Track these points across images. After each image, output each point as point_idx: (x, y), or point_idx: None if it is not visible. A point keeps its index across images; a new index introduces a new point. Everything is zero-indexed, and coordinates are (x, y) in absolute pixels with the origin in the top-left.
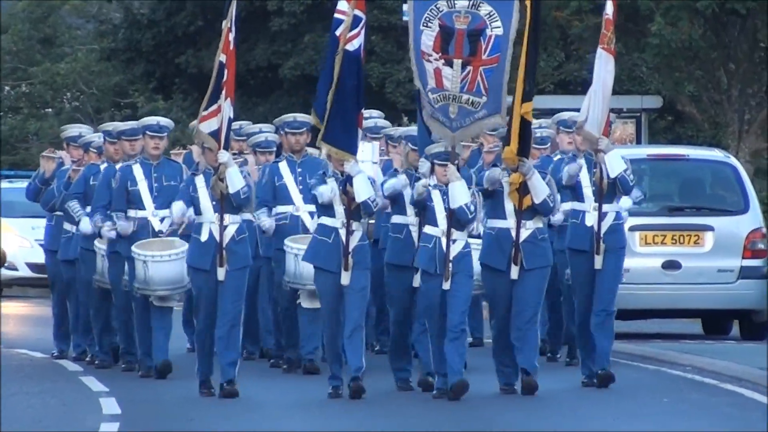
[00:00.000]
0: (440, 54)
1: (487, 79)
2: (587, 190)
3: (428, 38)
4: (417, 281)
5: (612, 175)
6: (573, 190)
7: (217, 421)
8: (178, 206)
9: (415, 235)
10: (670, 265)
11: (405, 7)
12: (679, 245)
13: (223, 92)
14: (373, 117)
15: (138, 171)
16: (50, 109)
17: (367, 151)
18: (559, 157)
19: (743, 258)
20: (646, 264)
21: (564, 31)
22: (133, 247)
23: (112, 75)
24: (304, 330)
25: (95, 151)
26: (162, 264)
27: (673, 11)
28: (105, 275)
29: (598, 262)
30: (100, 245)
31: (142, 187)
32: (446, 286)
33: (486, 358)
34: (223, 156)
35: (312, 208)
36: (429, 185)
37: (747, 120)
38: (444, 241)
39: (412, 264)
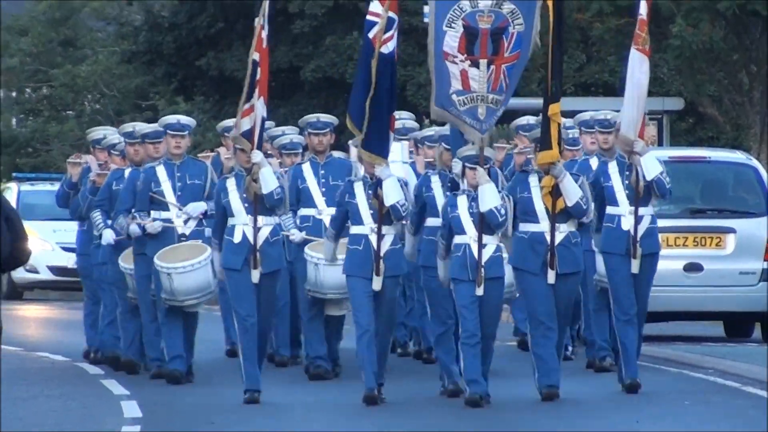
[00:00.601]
0: (466, 55)
1: (508, 77)
2: (620, 195)
3: (452, 39)
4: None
5: (648, 178)
6: (607, 195)
7: (239, 425)
8: (194, 205)
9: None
10: (692, 267)
11: (426, 8)
12: (701, 247)
13: (257, 91)
14: (402, 118)
15: (161, 172)
16: (71, 112)
17: (397, 150)
18: (583, 158)
19: (765, 260)
20: (668, 266)
21: (585, 33)
22: (155, 259)
23: (133, 77)
24: (310, 338)
25: (117, 153)
26: (186, 275)
27: (695, 13)
28: (136, 291)
29: (635, 266)
30: (125, 265)
31: (166, 188)
32: (479, 291)
33: (506, 361)
34: (257, 156)
35: (334, 211)
36: (456, 194)
37: None
38: (474, 246)
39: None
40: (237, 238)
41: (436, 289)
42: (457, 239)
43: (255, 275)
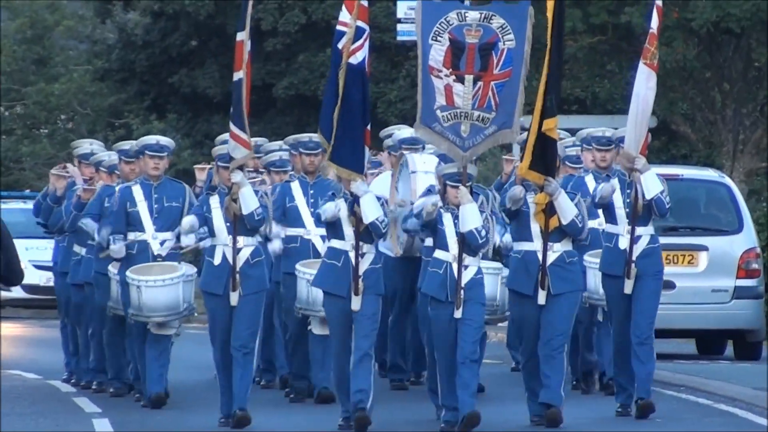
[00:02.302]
0: (451, 70)
1: (498, 94)
2: (620, 212)
3: (438, 53)
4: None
5: (648, 197)
6: (606, 213)
7: None
8: (188, 219)
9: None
10: (665, 284)
11: (399, 26)
12: (674, 265)
13: (245, 115)
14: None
15: (138, 192)
16: (44, 130)
17: (430, 162)
18: (578, 175)
19: (737, 278)
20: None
21: None
22: (128, 272)
23: (107, 96)
24: (315, 357)
25: (105, 170)
26: (156, 289)
27: (668, 31)
28: (119, 302)
29: (628, 286)
30: (113, 269)
31: (142, 208)
32: (458, 314)
33: (505, 387)
34: (237, 175)
35: (324, 231)
36: (440, 206)
37: (741, 140)
38: (455, 266)
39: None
40: (217, 259)
41: (434, 317)
42: (439, 254)
43: (234, 298)
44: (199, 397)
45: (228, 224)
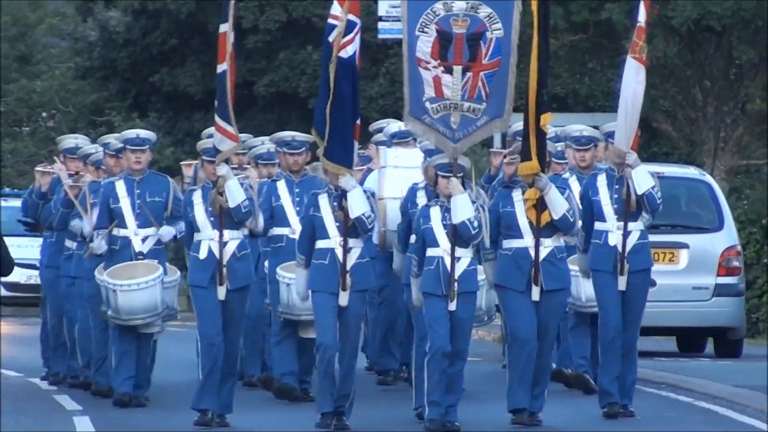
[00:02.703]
0: (439, 61)
1: (488, 84)
2: (608, 209)
3: (425, 44)
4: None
5: (639, 192)
6: (594, 209)
7: None
8: (167, 230)
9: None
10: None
11: (380, 24)
12: (654, 262)
13: (231, 108)
14: (385, 128)
15: (121, 187)
16: (26, 128)
17: (405, 157)
18: (562, 176)
19: (718, 275)
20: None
21: None
22: (104, 275)
23: (88, 93)
24: (281, 357)
25: (92, 165)
26: (131, 293)
27: (649, 29)
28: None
29: (622, 283)
30: (99, 275)
31: (125, 204)
32: (452, 307)
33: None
34: (222, 168)
35: None
36: (429, 204)
37: (722, 137)
38: (447, 259)
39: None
40: (203, 254)
41: (428, 311)
42: (430, 252)
43: (221, 292)
44: (181, 396)
45: (212, 218)
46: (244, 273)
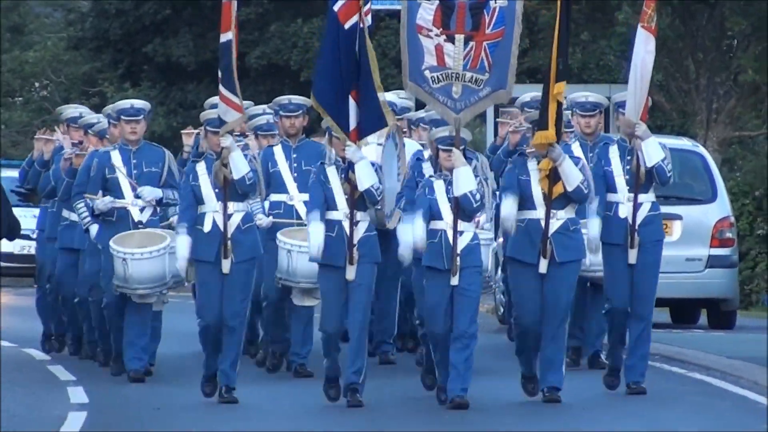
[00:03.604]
0: (441, 29)
1: (491, 55)
2: (620, 180)
3: (427, 12)
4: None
5: (649, 164)
6: (606, 181)
7: (183, 412)
8: (149, 189)
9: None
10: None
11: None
12: None
13: (235, 77)
14: (397, 98)
15: (116, 157)
16: (19, 98)
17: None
18: (564, 143)
19: (711, 247)
20: None
21: (530, 19)
22: (110, 243)
23: (81, 64)
24: (296, 333)
25: (95, 135)
26: (143, 261)
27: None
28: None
29: (633, 256)
30: (115, 245)
31: (121, 174)
32: (454, 281)
33: (499, 361)
34: (226, 140)
35: (307, 197)
36: (433, 177)
37: (715, 109)
38: (450, 233)
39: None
40: (207, 226)
41: (429, 287)
42: (433, 225)
43: (226, 265)
44: (183, 369)
45: (217, 190)
46: (249, 245)
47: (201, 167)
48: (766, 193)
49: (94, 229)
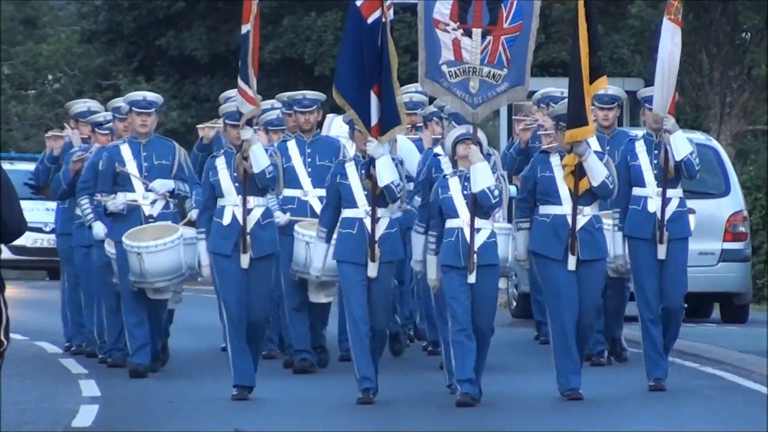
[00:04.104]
0: (458, 23)
1: (509, 49)
2: (648, 174)
3: (444, 6)
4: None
5: (678, 158)
6: (633, 175)
7: (195, 406)
8: (161, 182)
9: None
10: None
11: None
12: None
13: (252, 71)
14: (409, 92)
15: (126, 151)
16: (32, 91)
17: (336, 126)
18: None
19: (724, 241)
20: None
21: (544, 13)
22: (123, 239)
23: (94, 57)
24: (296, 329)
25: (103, 132)
26: (157, 254)
27: None
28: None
29: (662, 251)
30: (110, 248)
31: (131, 168)
32: (471, 279)
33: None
34: (247, 132)
35: (322, 192)
36: (448, 175)
37: (728, 103)
38: (467, 231)
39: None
40: (226, 220)
41: (447, 284)
42: (450, 223)
43: (245, 260)
44: (195, 363)
45: (237, 184)
46: (268, 241)
47: (221, 161)
48: None
49: (97, 226)
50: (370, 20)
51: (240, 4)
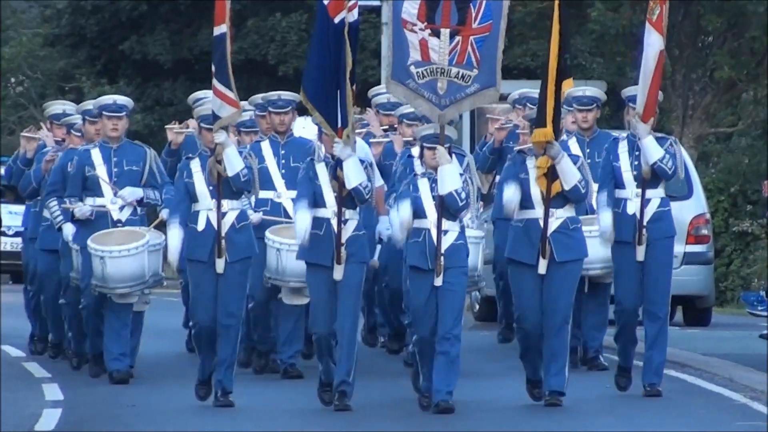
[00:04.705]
0: (425, 23)
1: (478, 50)
2: (627, 175)
3: (412, 6)
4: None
5: (650, 162)
6: (614, 176)
7: (159, 410)
8: (129, 190)
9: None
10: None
11: None
12: None
13: (230, 71)
14: (386, 93)
15: (96, 155)
16: None
17: (310, 127)
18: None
19: (687, 244)
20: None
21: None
22: (88, 241)
23: (57, 59)
24: (283, 332)
25: (77, 134)
26: (121, 260)
27: None
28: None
29: (641, 253)
30: (71, 241)
31: (101, 172)
32: (438, 282)
33: (490, 363)
34: (221, 135)
35: (295, 194)
36: (418, 175)
37: (691, 105)
38: (434, 232)
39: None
40: (201, 225)
41: (413, 288)
42: (417, 223)
43: (220, 264)
44: (164, 367)
45: (211, 188)
46: (244, 245)
47: (195, 164)
48: (742, 190)
49: (67, 228)
50: (336, 20)
51: (202, 7)
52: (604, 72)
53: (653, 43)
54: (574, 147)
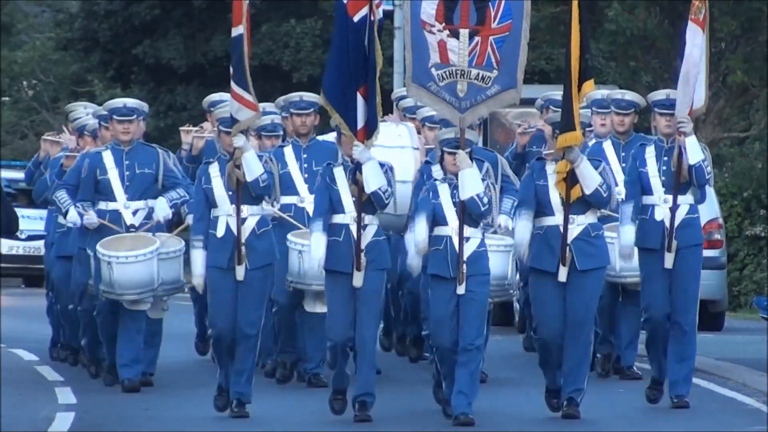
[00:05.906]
0: (444, 24)
1: (498, 50)
2: (655, 181)
3: (430, 6)
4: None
5: (691, 162)
6: (640, 182)
7: (173, 414)
8: (161, 206)
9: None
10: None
11: None
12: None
13: (248, 74)
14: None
15: (108, 158)
16: (7, 98)
17: (404, 134)
18: (596, 141)
19: None
20: None
21: None
22: (97, 246)
23: (70, 64)
24: (308, 341)
25: (90, 134)
26: (128, 266)
27: None
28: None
29: (669, 260)
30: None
31: (113, 175)
32: (460, 290)
33: (507, 370)
34: (240, 140)
35: None
36: (438, 181)
37: None
38: (456, 239)
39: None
40: (220, 231)
41: (434, 297)
42: (438, 231)
43: (240, 272)
44: (168, 371)
45: (230, 193)
46: (265, 251)
47: (214, 169)
48: (755, 195)
49: (72, 211)
50: (356, 18)
51: (216, 11)
52: (618, 76)
53: (700, 43)
54: (609, 150)
